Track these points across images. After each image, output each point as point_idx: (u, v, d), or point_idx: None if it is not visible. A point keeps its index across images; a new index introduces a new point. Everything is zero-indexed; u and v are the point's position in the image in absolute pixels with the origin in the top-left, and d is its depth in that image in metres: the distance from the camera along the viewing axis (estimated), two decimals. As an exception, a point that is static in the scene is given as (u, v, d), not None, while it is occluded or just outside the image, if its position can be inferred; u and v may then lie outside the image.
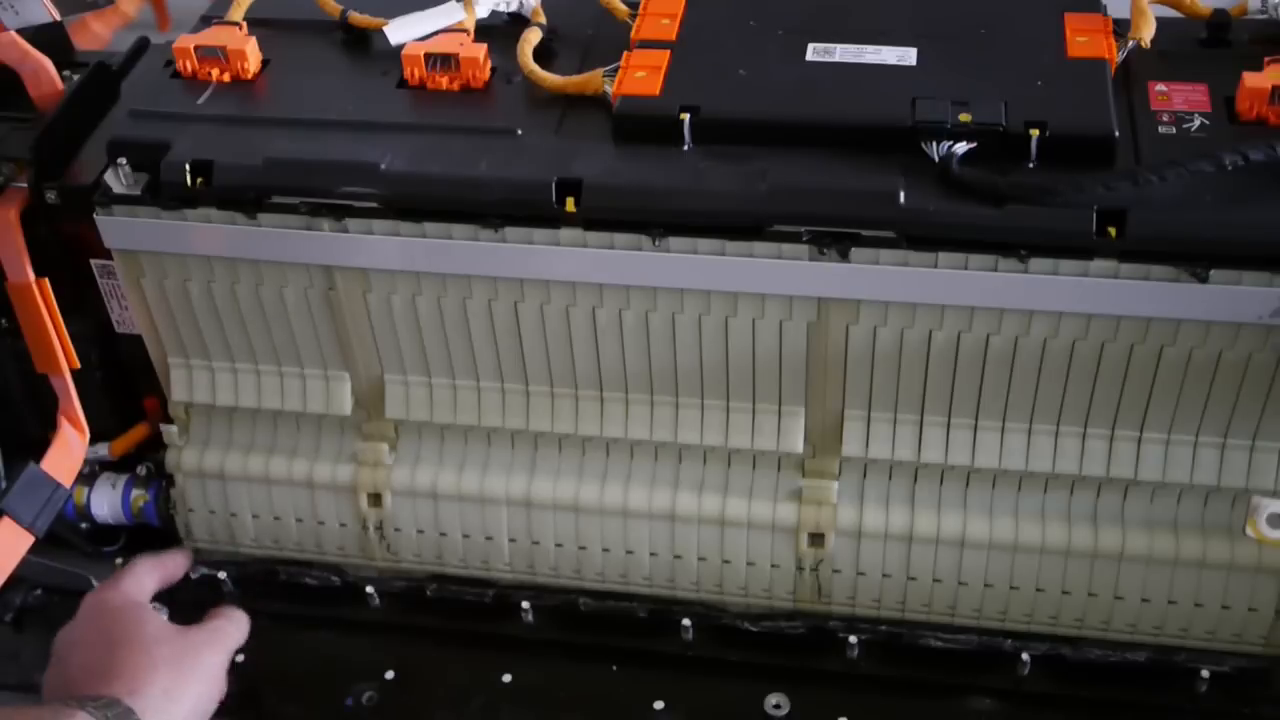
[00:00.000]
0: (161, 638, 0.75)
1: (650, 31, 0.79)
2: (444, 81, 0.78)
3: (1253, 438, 0.73)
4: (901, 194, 0.68)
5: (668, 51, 0.77)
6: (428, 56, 0.78)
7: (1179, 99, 0.73)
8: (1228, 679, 0.78)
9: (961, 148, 0.69)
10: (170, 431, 0.87)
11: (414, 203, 0.73)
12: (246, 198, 0.75)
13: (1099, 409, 0.74)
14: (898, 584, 0.81)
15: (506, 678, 0.82)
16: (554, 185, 0.71)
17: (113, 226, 0.77)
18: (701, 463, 0.81)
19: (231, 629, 0.80)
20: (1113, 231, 0.66)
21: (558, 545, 0.84)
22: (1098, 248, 0.67)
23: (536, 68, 0.77)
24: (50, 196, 0.77)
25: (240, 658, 0.83)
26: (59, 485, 0.77)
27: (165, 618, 0.79)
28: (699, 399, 0.78)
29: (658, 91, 0.74)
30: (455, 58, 0.78)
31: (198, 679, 0.74)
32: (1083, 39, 0.76)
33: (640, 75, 0.75)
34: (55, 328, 0.78)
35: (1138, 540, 0.77)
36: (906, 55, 0.76)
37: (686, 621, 0.82)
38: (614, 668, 0.82)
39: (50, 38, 0.82)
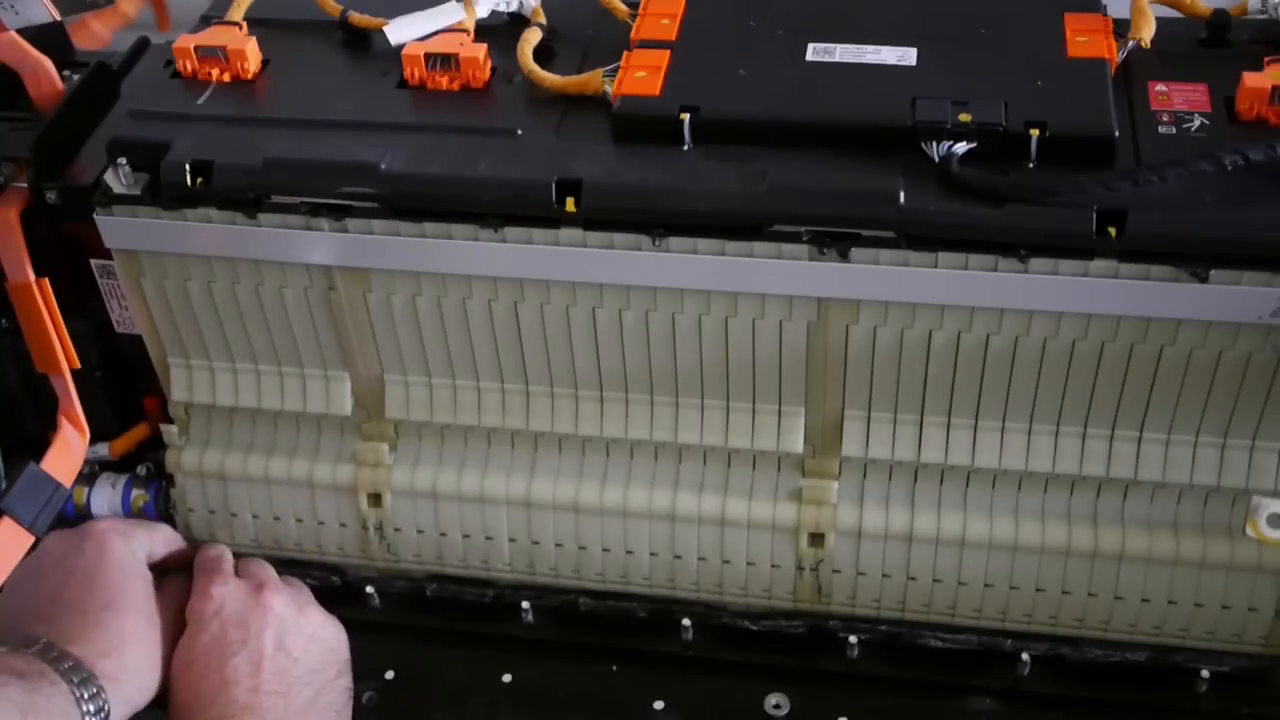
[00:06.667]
0: (144, 613, 0.74)
1: (650, 31, 0.79)
2: (444, 81, 0.78)
3: (1253, 438, 0.73)
4: (901, 194, 0.68)
5: (668, 51, 0.77)
6: (428, 56, 0.78)
7: (1179, 99, 0.73)
8: (1228, 679, 0.78)
9: (961, 148, 0.69)
10: (170, 431, 0.87)
11: (414, 203, 0.73)
12: (246, 198, 0.75)
13: (1099, 409, 0.74)
14: (898, 584, 0.81)
15: (506, 678, 0.82)
16: (554, 185, 0.71)
17: (113, 226, 0.77)
18: (701, 463, 0.81)
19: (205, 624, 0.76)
20: (1113, 231, 0.66)
21: (558, 545, 0.84)
22: (1098, 248, 0.67)
23: (536, 68, 0.77)
24: (50, 196, 0.77)
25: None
26: (59, 485, 0.77)
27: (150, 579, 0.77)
28: (699, 399, 0.78)
29: (658, 91, 0.74)
30: (455, 58, 0.78)
31: (134, 635, 0.73)
32: (1083, 39, 0.75)
33: (640, 75, 0.75)
34: (55, 328, 0.78)
35: (1138, 540, 0.77)
36: (906, 55, 0.76)
37: (686, 621, 0.82)
38: (614, 668, 0.82)
39: (50, 38, 0.82)
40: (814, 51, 0.77)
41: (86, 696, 0.68)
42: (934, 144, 0.70)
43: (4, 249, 0.77)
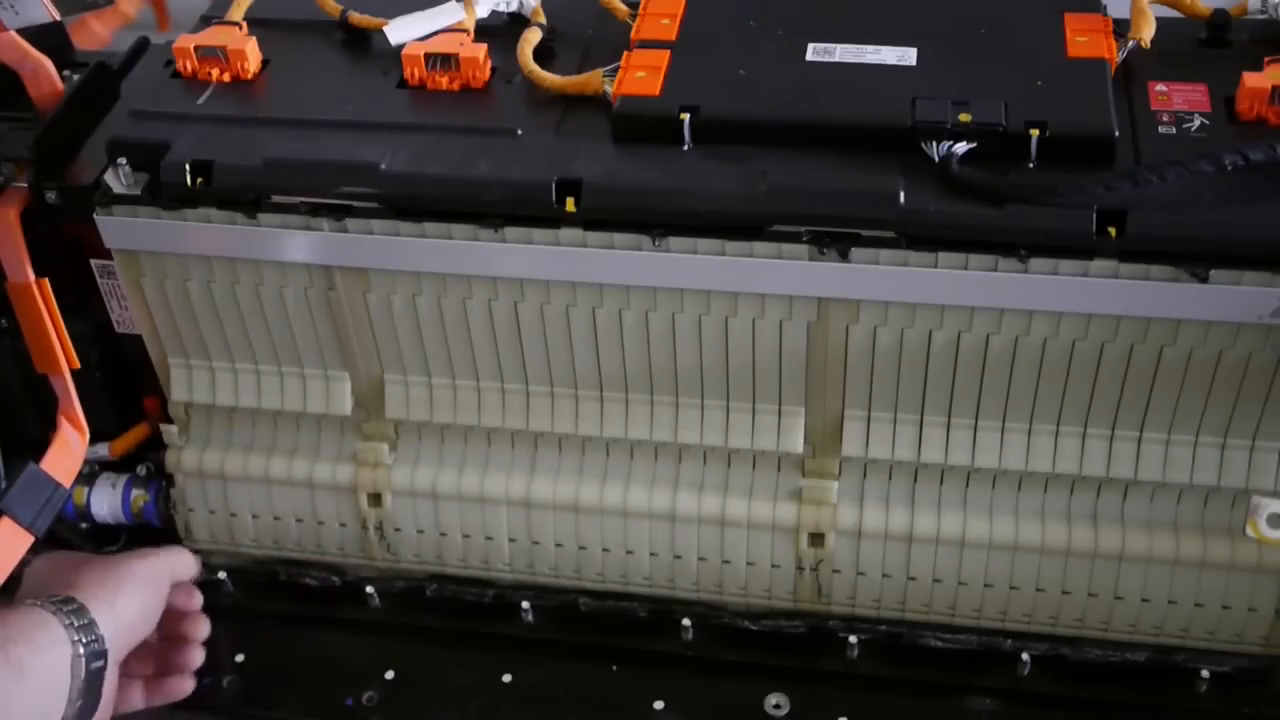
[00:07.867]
0: (100, 557, 0.77)
1: (650, 31, 0.79)
2: (444, 81, 0.78)
3: (1253, 438, 0.73)
4: (901, 194, 0.68)
5: (668, 51, 0.77)
6: (428, 56, 0.78)
7: (1179, 99, 0.73)
8: (1228, 679, 0.78)
9: (961, 148, 0.69)
10: (170, 431, 0.87)
11: (414, 203, 0.73)
12: (246, 198, 0.75)
13: (1099, 409, 0.74)
14: (898, 584, 0.81)
15: (506, 678, 0.82)
16: (554, 185, 0.71)
17: (113, 226, 0.77)
18: (701, 463, 0.81)
19: (164, 552, 0.79)
20: (1113, 231, 0.66)
21: (558, 545, 0.84)
22: (1098, 248, 0.67)
23: (536, 68, 0.77)
24: (50, 196, 0.77)
25: (240, 657, 0.83)
26: (59, 485, 0.77)
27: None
28: (699, 399, 0.78)
29: (658, 91, 0.74)
30: (455, 58, 0.78)
31: (132, 584, 0.74)
32: (1083, 39, 0.76)
33: (640, 75, 0.75)
34: (55, 328, 0.78)
35: (1138, 540, 0.77)
36: (906, 55, 0.76)
37: (686, 621, 0.82)
38: (614, 668, 0.82)
39: (50, 38, 0.82)
40: (814, 51, 0.77)
41: (63, 606, 0.70)
42: (934, 144, 0.70)
43: (4, 249, 0.77)
